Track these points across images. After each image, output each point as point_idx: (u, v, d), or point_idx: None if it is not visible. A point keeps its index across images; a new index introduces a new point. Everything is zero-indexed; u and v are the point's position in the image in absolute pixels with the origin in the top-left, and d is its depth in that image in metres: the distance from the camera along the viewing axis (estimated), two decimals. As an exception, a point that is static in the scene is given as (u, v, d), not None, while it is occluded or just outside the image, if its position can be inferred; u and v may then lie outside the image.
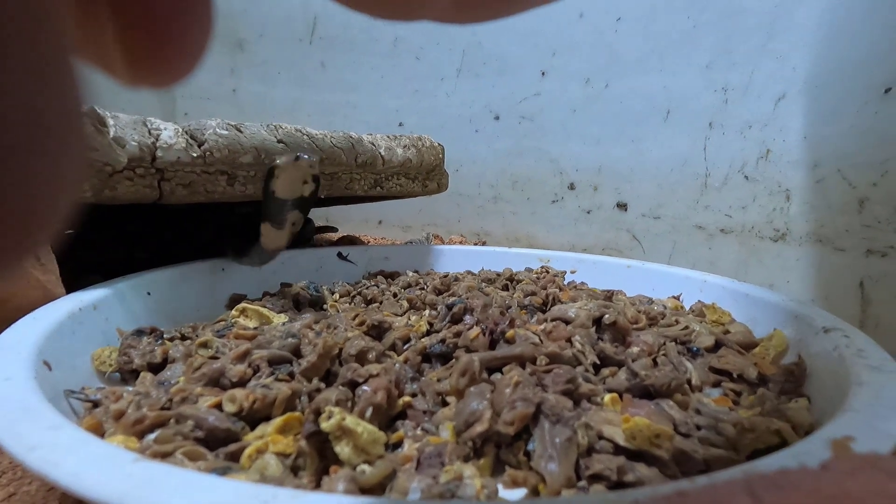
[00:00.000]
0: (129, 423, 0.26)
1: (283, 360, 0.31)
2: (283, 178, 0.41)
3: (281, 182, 0.41)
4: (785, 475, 0.17)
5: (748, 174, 0.71)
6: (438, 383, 0.31)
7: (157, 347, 0.35)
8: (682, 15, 0.74)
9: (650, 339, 0.35)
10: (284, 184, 0.42)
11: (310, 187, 0.43)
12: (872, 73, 0.60)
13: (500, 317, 0.36)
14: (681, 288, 0.51)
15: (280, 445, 0.25)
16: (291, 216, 0.44)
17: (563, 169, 0.90)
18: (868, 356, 0.29)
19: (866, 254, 0.62)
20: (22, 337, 0.30)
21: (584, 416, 0.26)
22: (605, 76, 0.82)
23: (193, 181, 0.45)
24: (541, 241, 0.94)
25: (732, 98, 0.71)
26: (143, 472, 0.18)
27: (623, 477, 0.23)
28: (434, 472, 0.23)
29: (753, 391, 0.32)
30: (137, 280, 0.44)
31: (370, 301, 0.49)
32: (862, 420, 0.23)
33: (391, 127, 1.04)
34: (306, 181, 0.43)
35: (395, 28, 1.00)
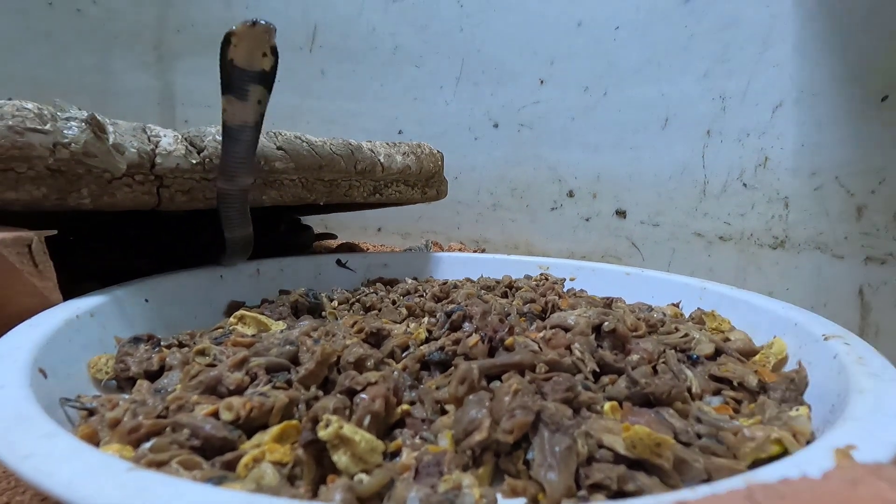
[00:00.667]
0: (124, 432, 0.25)
1: (281, 367, 0.31)
2: (241, 46, 0.40)
3: (239, 50, 0.40)
4: (787, 484, 0.17)
5: (747, 182, 0.71)
6: (437, 391, 0.31)
7: (155, 355, 0.35)
8: (679, 24, 0.74)
9: (650, 347, 0.35)
10: (242, 52, 0.40)
11: (269, 60, 0.42)
12: (869, 81, 0.60)
13: (499, 324, 0.36)
14: (680, 295, 0.51)
15: (277, 454, 0.24)
16: (254, 90, 0.42)
17: (561, 176, 0.90)
18: (868, 363, 0.29)
19: (865, 261, 0.62)
20: (18, 344, 0.30)
21: (583, 425, 0.25)
22: (604, 84, 0.83)
23: (193, 188, 0.45)
24: (540, 249, 0.94)
25: (730, 106, 0.72)
26: (138, 482, 0.18)
27: (624, 486, 0.23)
28: (432, 482, 0.23)
29: (754, 399, 0.32)
30: (135, 287, 0.44)
31: (369, 308, 0.49)
32: (863, 428, 0.22)
33: (390, 134, 1.05)
34: (265, 53, 0.41)
35: (394, 36, 1.01)
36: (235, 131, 0.43)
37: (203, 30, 1.14)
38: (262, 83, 0.42)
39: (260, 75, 0.42)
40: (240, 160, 0.44)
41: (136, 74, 1.16)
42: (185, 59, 1.16)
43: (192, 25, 1.14)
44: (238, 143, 0.43)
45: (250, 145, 0.44)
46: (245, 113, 0.42)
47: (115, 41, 1.14)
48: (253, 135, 0.44)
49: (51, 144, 0.36)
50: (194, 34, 1.14)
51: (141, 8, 1.13)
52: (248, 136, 0.43)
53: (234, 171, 0.44)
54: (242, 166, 0.44)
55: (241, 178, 0.45)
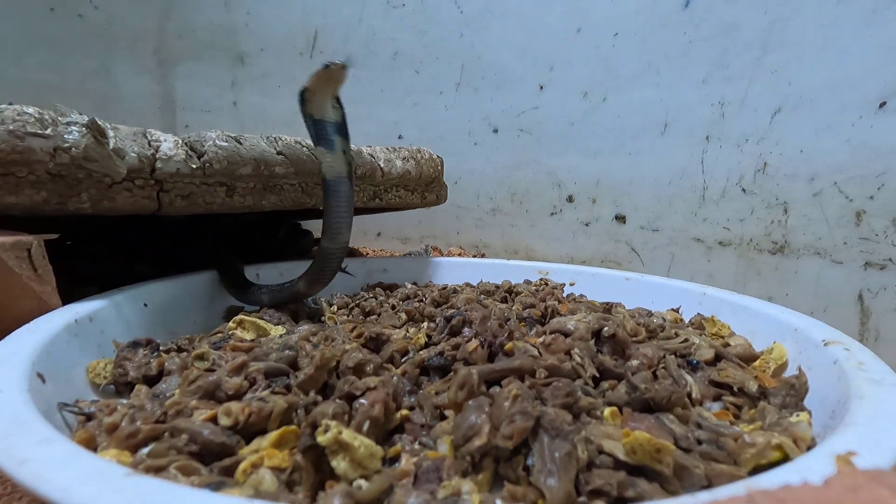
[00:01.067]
0: (122, 437, 0.25)
1: (280, 372, 0.31)
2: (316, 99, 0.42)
3: (315, 104, 0.43)
4: (788, 491, 0.17)
5: (746, 187, 0.71)
6: (436, 396, 0.30)
7: (153, 359, 0.35)
8: (678, 30, 0.75)
9: (650, 352, 0.35)
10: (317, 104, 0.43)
11: (338, 112, 0.44)
12: (867, 87, 0.60)
13: (498, 329, 0.36)
14: (680, 300, 0.51)
15: (276, 460, 0.24)
16: (339, 140, 0.43)
17: (561, 181, 0.90)
18: (868, 369, 0.29)
19: (864, 266, 0.62)
20: (16, 349, 0.30)
21: (583, 430, 0.25)
22: (603, 90, 0.83)
23: (192, 192, 0.45)
24: (539, 254, 0.94)
25: (729, 112, 0.72)
26: (135, 488, 0.18)
27: (624, 492, 0.22)
28: (432, 488, 0.23)
29: (754, 405, 0.32)
30: (134, 291, 0.44)
31: (368, 313, 0.49)
32: (864, 434, 0.22)
33: (390, 139, 1.05)
34: (335, 106, 0.43)
35: (394, 42, 1.01)
36: (334, 185, 0.44)
37: (204, 35, 1.14)
38: (340, 134, 0.44)
39: (336, 126, 0.44)
40: (343, 215, 0.44)
41: (136, 79, 1.16)
42: (185, 64, 1.16)
43: (192, 31, 1.15)
44: (339, 197, 0.44)
45: (349, 199, 0.44)
46: (337, 163, 0.44)
47: (116, 46, 1.14)
48: (349, 187, 0.44)
49: (51, 149, 0.36)
50: (195, 39, 1.15)
51: (142, 13, 1.14)
52: (346, 189, 0.44)
53: (337, 227, 0.44)
54: (345, 222, 0.44)
55: (344, 234, 0.45)
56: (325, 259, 0.45)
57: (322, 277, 0.46)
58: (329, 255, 0.45)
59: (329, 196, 0.44)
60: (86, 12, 1.11)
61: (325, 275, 0.46)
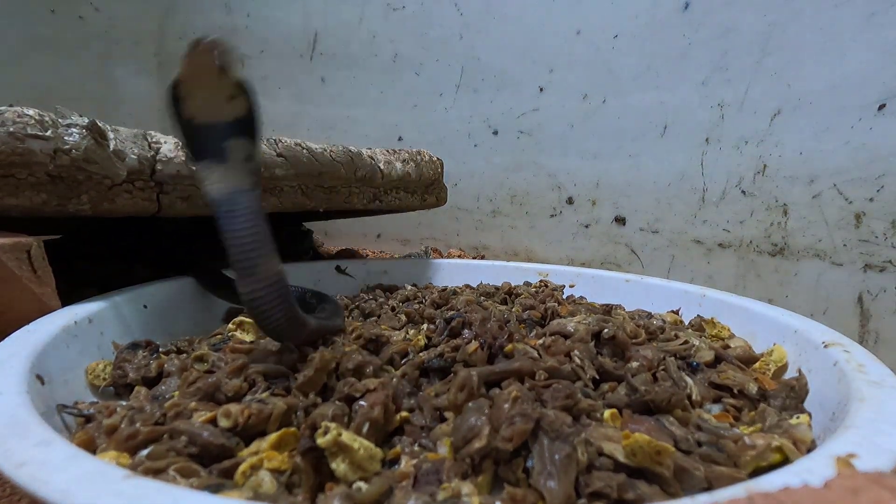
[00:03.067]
0: (121, 439, 0.25)
1: (280, 374, 0.31)
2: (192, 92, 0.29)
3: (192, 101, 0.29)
4: (788, 493, 0.17)
5: (745, 189, 0.71)
6: (436, 398, 0.30)
7: (153, 361, 0.35)
8: (677, 32, 0.75)
9: (650, 354, 0.35)
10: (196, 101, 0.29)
11: (242, 103, 0.30)
12: (866, 89, 0.60)
13: (498, 331, 0.36)
14: (680, 302, 0.51)
15: (275, 461, 0.24)
16: (235, 146, 0.31)
17: (561, 183, 0.90)
18: (869, 371, 0.29)
19: (864, 268, 0.62)
20: (15, 350, 0.30)
21: (583, 433, 0.25)
22: (603, 92, 0.83)
23: (192, 194, 0.45)
24: (539, 255, 0.94)
25: (728, 114, 0.72)
26: (134, 490, 0.18)
27: (624, 495, 0.22)
28: (431, 490, 0.23)
29: (754, 407, 0.32)
30: (134, 293, 0.44)
31: (368, 315, 0.49)
32: (864, 437, 0.22)
33: (390, 141, 1.05)
34: (233, 95, 0.30)
35: (394, 44, 1.01)
36: (227, 205, 0.30)
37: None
38: (240, 133, 0.31)
39: (235, 125, 0.31)
40: (249, 241, 0.30)
41: (137, 81, 1.17)
42: (186, 66, 1.16)
43: (193, 32, 1.14)
44: (236, 219, 0.30)
45: (255, 217, 0.31)
46: (230, 176, 0.31)
47: (116, 48, 1.14)
48: (253, 202, 0.31)
49: (51, 150, 0.36)
50: (195, 41, 1.15)
51: (142, 15, 1.14)
52: (248, 203, 0.31)
53: (246, 258, 0.30)
54: (256, 247, 0.31)
55: (264, 264, 0.31)
56: (252, 309, 0.31)
57: (264, 328, 0.32)
58: (253, 302, 0.31)
59: (225, 222, 0.30)
60: (86, 14, 1.11)
61: (267, 324, 0.32)
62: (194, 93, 0.30)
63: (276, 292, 0.31)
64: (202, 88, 0.30)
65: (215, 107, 0.30)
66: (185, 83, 0.29)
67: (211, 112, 0.30)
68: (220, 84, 0.29)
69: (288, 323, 0.32)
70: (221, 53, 0.28)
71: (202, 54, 0.28)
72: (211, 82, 0.29)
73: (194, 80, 0.29)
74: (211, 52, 0.28)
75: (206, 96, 0.30)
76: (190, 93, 0.30)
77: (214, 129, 0.31)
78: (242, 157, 0.32)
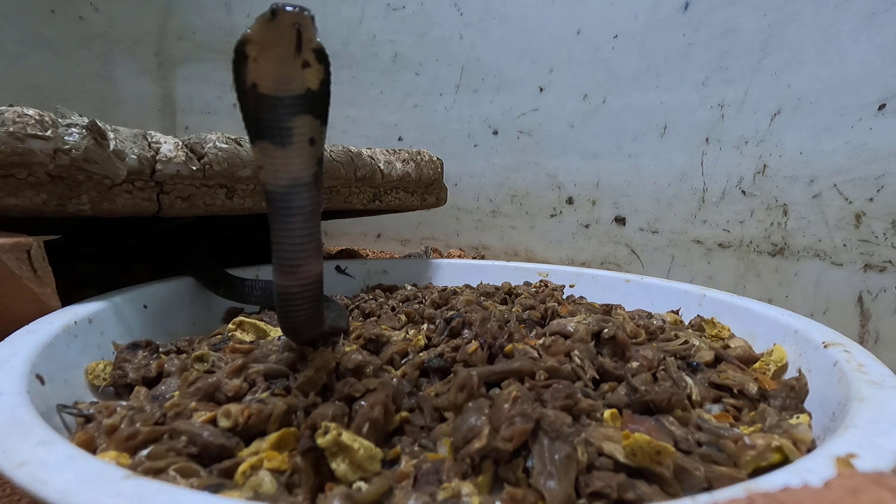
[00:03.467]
0: (121, 439, 0.25)
1: (280, 374, 0.31)
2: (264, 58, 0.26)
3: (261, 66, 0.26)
4: (788, 493, 0.17)
5: (745, 189, 0.71)
6: (436, 398, 0.30)
7: (153, 361, 0.35)
8: (677, 33, 0.75)
9: (650, 354, 0.35)
10: (267, 67, 0.26)
11: (316, 72, 0.27)
12: (866, 89, 0.60)
13: (498, 331, 0.36)
14: (680, 302, 0.51)
15: (275, 461, 0.24)
16: (300, 124, 0.27)
17: (561, 183, 0.90)
18: (868, 371, 0.29)
19: (864, 268, 0.62)
20: (15, 350, 0.30)
21: (583, 433, 0.25)
22: (603, 92, 0.83)
23: (192, 194, 0.45)
24: (539, 255, 0.94)
25: (728, 114, 0.72)
26: (134, 490, 0.18)
27: (624, 495, 0.22)
28: (431, 490, 0.23)
29: (754, 407, 0.32)
30: (134, 293, 0.44)
31: (368, 315, 0.49)
32: (864, 437, 0.22)
33: (390, 141, 1.05)
34: (307, 62, 0.26)
35: (394, 44, 1.01)
36: (283, 197, 0.27)
37: (204, 37, 1.14)
38: (308, 110, 0.27)
39: (304, 98, 0.27)
40: (299, 240, 0.28)
41: (137, 81, 1.17)
42: (185, 66, 1.16)
43: (192, 32, 1.15)
44: (291, 216, 0.28)
45: (311, 214, 0.28)
46: (292, 165, 0.27)
47: (116, 48, 1.14)
48: (312, 197, 0.28)
49: (51, 150, 0.36)
50: (195, 41, 1.15)
51: (142, 15, 1.14)
52: (305, 200, 0.28)
53: (293, 257, 0.28)
54: (305, 248, 0.28)
55: (307, 265, 0.29)
56: (282, 302, 0.30)
57: (285, 323, 0.31)
58: (286, 297, 0.29)
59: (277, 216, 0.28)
60: (86, 14, 1.11)
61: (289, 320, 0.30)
62: (264, 55, 0.26)
63: (310, 292, 0.29)
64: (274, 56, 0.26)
65: (285, 75, 0.26)
66: (255, 44, 0.25)
67: (279, 80, 0.26)
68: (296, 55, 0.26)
69: (309, 323, 0.31)
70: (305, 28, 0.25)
71: (280, 27, 0.25)
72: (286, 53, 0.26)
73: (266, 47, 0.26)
74: (292, 27, 0.25)
75: (277, 62, 0.26)
76: (259, 55, 0.26)
77: (280, 102, 0.27)
78: (307, 140, 0.27)
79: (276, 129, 0.27)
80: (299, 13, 0.25)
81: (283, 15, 0.24)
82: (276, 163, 0.27)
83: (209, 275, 0.50)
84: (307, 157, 0.28)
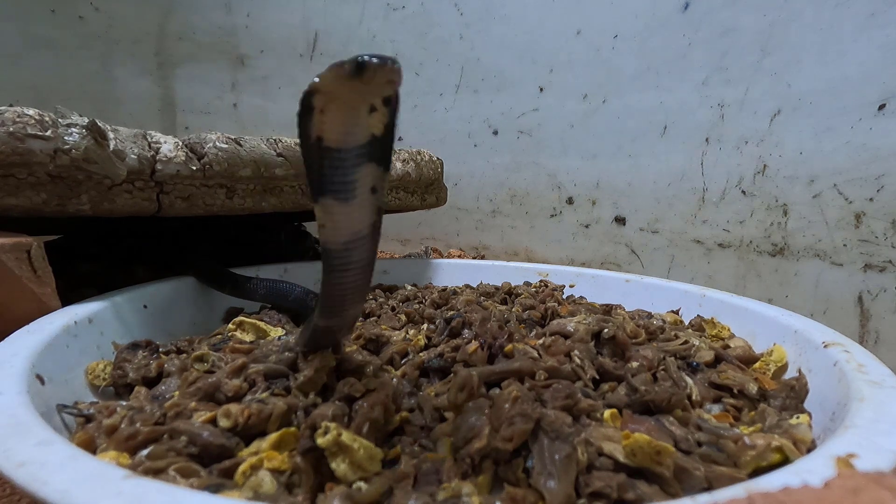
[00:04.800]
0: (121, 439, 0.25)
1: (280, 374, 0.31)
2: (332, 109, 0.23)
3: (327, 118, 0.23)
4: (788, 493, 0.17)
5: (745, 189, 0.71)
6: (436, 398, 0.30)
7: (153, 361, 0.35)
8: (677, 33, 0.75)
9: (650, 354, 0.35)
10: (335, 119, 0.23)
11: (382, 116, 0.24)
12: (866, 89, 0.60)
13: (498, 331, 0.36)
14: (680, 302, 0.51)
15: (275, 461, 0.24)
16: (364, 174, 0.25)
17: (561, 183, 0.90)
18: (868, 371, 0.29)
19: (864, 268, 0.62)
20: (15, 350, 0.30)
21: (583, 433, 0.25)
22: (603, 92, 0.83)
23: (192, 194, 0.45)
24: (539, 255, 0.94)
25: (728, 114, 0.72)
26: (134, 490, 0.18)
27: (624, 495, 0.22)
28: (431, 490, 0.23)
29: (754, 407, 0.32)
30: (134, 293, 0.44)
31: (368, 315, 0.49)
32: (864, 437, 0.22)
33: (390, 141, 1.05)
34: (374, 106, 0.24)
35: (394, 44, 1.01)
36: (342, 254, 0.26)
37: (204, 37, 1.14)
38: (372, 157, 0.25)
39: (368, 147, 0.25)
40: (352, 289, 0.27)
41: (137, 81, 1.16)
42: (186, 66, 1.16)
43: (193, 33, 1.15)
44: (348, 270, 0.27)
45: (367, 266, 0.27)
46: (353, 219, 0.26)
47: (116, 48, 1.14)
48: (370, 249, 0.27)
49: (51, 150, 0.36)
50: (195, 41, 1.15)
51: (142, 15, 1.14)
52: (364, 254, 0.27)
53: (341, 304, 0.28)
54: (355, 296, 0.28)
55: (353, 309, 0.29)
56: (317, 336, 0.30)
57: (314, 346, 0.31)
58: (323, 334, 0.30)
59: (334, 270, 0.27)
60: (86, 14, 1.11)
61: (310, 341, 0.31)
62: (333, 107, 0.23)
63: (347, 328, 0.30)
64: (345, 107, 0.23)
65: (353, 125, 0.24)
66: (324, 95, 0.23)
67: (346, 132, 0.24)
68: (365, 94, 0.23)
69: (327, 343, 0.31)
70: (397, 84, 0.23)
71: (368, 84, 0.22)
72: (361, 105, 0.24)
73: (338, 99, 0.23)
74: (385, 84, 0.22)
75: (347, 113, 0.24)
76: (327, 106, 0.23)
77: (345, 154, 0.25)
78: (369, 189, 0.26)
79: (339, 183, 0.25)
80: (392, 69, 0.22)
81: (374, 71, 0.21)
82: (338, 219, 0.25)
83: (215, 275, 0.51)
84: (369, 208, 0.26)
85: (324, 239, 0.26)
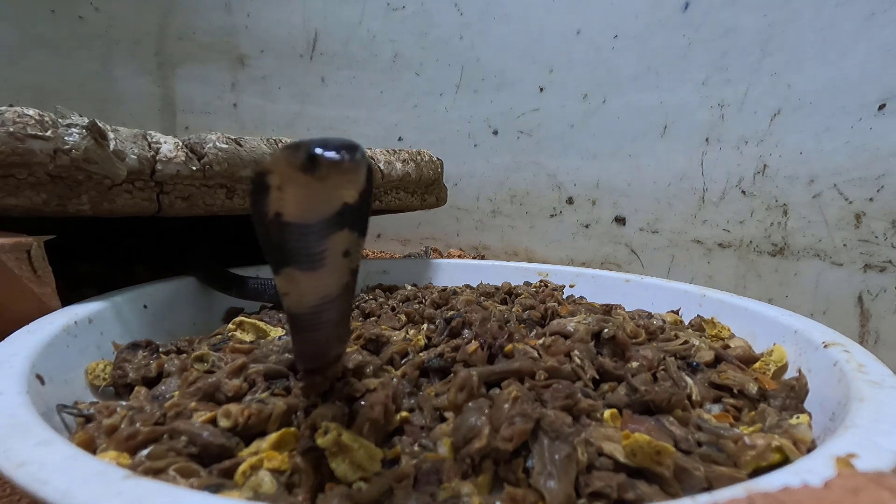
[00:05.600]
0: (121, 439, 0.25)
1: (280, 374, 0.31)
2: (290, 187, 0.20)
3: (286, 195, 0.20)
4: (788, 493, 0.17)
5: (745, 189, 0.71)
6: (436, 398, 0.30)
7: (153, 361, 0.35)
8: (677, 33, 0.75)
9: (650, 354, 0.35)
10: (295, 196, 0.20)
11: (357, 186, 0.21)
12: (866, 89, 0.60)
13: (498, 331, 0.36)
14: (680, 302, 0.51)
15: (275, 461, 0.24)
16: (333, 244, 0.22)
17: (561, 183, 0.90)
18: (869, 371, 0.29)
19: (864, 268, 0.62)
20: (15, 350, 0.30)
21: (583, 433, 0.25)
22: (603, 92, 0.83)
23: (192, 194, 0.45)
24: (539, 255, 0.94)
25: (728, 114, 0.72)
26: (134, 490, 0.18)
27: (624, 495, 0.22)
28: (431, 490, 0.23)
29: (754, 407, 0.32)
30: (134, 293, 0.44)
31: (368, 315, 0.49)
32: (864, 437, 0.22)
33: (390, 141, 1.05)
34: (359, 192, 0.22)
35: (394, 44, 1.01)
36: (310, 317, 0.25)
37: (204, 37, 1.14)
38: (343, 226, 0.22)
39: (338, 217, 0.22)
40: (326, 342, 0.27)
41: (137, 81, 1.16)
42: (186, 66, 1.16)
43: (193, 33, 1.15)
44: (319, 330, 0.25)
45: (341, 321, 0.26)
46: (320, 285, 0.24)
47: (116, 48, 1.14)
48: (342, 305, 0.25)
49: (51, 151, 0.36)
50: (195, 41, 1.15)
51: (142, 15, 1.14)
52: (334, 313, 0.25)
53: (319, 356, 0.28)
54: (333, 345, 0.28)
55: (333, 354, 0.29)
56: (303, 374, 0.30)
57: None
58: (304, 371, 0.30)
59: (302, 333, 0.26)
60: (86, 14, 1.11)
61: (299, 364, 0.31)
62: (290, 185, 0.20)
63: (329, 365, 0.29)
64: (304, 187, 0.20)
65: (319, 201, 0.21)
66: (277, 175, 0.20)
67: (311, 208, 0.21)
68: None
69: None
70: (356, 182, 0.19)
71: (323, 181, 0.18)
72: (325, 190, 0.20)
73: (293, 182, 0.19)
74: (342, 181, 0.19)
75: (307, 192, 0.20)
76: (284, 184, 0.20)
77: (310, 229, 0.21)
78: (341, 253, 0.23)
79: (304, 255, 0.22)
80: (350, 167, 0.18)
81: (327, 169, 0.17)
82: (303, 288, 0.23)
83: (218, 277, 0.51)
84: (340, 272, 0.24)
85: (287, 306, 0.24)
